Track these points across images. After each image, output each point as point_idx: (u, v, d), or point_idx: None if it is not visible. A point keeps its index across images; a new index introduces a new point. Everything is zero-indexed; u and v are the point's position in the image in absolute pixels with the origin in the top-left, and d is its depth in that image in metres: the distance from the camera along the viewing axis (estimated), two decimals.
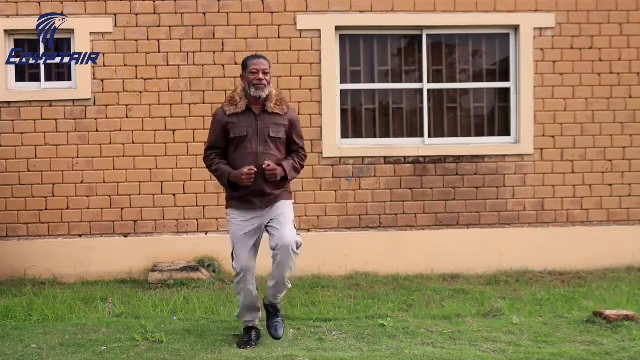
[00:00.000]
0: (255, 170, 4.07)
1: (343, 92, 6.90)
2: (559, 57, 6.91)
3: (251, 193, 4.15)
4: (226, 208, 4.32)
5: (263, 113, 4.21)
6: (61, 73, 6.74)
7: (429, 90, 6.94)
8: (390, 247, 6.76)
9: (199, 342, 4.36)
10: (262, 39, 6.69)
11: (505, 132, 7.03)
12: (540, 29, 6.87)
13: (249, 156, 4.12)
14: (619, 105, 6.96)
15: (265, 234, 4.27)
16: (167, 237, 6.68)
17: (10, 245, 6.57)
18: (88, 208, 6.64)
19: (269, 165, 4.08)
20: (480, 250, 6.78)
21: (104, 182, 6.64)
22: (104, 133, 6.63)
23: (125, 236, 6.69)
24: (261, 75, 4.14)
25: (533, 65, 6.88)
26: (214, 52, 6.68)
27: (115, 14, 6.61)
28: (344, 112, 6.92)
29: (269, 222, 4.19)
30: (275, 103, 4.23)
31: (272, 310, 4.41)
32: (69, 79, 6.70)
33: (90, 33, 6.58)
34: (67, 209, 6.63)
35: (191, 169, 6.68)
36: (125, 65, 6.64)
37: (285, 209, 4.22)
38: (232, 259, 4.25)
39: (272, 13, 6.70)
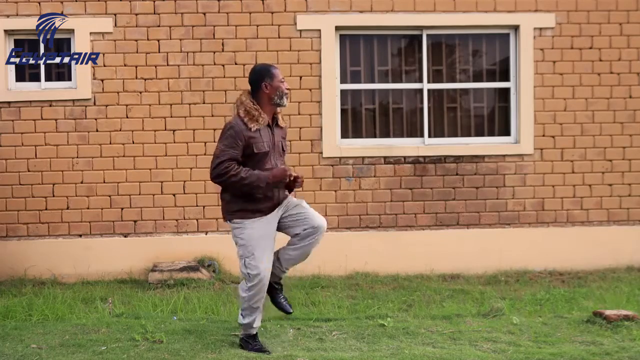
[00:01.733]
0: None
1: (343, 92, 6.90)
2: (559, 57, 6.91)
3: (272, 205, 4.09)
4: (231, 220, 4.10)
5: (275, 126, 4.17)
6: (61, 73, 6.74)
7: (429, 90, 6.94)
8: (390, 247, 6.76)
9: (199, 342, 4.36)
10: (262, 39, 6.69)
11: (505, 132, 7.03)
12: (540, 29, 6.87)
13: (268, 172, 4.05)
14: (619, 105, 6.96)
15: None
16: (167, 237, 6.68)
17: (10, 245, 6.57)
18: (88, 208, 6.64)
19: (301, 177, 4.14)
20: (480, 250, 6.78)
21: (104, 182, 6.64)
22: (104, 133, 6.63)
23: (125, 236, 6.69)
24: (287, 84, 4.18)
25: (533, 65, 6.88)
26: (214, 52, 6.68)
27: (115, 14, 6.61)
28: (344, 112, 6.92)
29: (285, 215, 4.16)
30: (281, 115, 4.25)
31: (277, 287, 4.32)
32: (69, 79, 6.70)
33: (90, 33, 6.58)
34: (67, 209, 6.63)
35: (191, 169, 6.69)
36: (125, 65, 6.64)
37: (297, 200, 4.26)
38: (244, 265, 4.02)
39: (272, 13, 6.70)
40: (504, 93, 7.06)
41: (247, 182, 3.95)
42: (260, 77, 4.09)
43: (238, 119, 4.02)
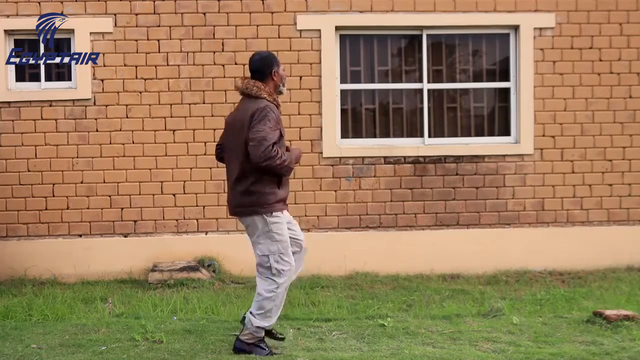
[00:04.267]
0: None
1: (343, 92, 6.90)
2: (559, 57, 6.91)
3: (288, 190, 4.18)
4: (271, 213, 3.96)
5: None
6: (61, 73, 6.74)
7: (429, 90, 6.94)
8: (390, 247, 6.76)
9: (199, 342, 4.36)
10: (262, 39, 6.69)
11: (505, 132, 7.03)
12: (540, 29, 6.87)
13: (290, 153, 4.13)
14: (619, 105, 6.96)
15: None
16: (167, 237, 6.68)
17: (10, 245, 6.57)
18: (88, 208, 6.64)
19: None
20: (480, 250, 6.78)
21: (104, 182, 6.64)
22: (104, 133, 6.63)
23: (125, 236, 6.69)
24: None
25: (533, 65, 6.87)
26: (214, 52, 6.68)
27: (115, 14, 6.61)
28: (344, 112, 6.92)
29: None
30: None
31: None
32: (69, 79, 6.70)
33: (90, 33, 6.58)
34: (67, 209, 6.63)
35: (191, 169, 6.68)
36: (125, 65, 6.64)
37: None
38: (275, 261, 3.95)
39: (272, 13, 6.70)
40: (504, 93, 7.06)
41: (287, 163, 3.93)
42: (270, 64, 4.08)
43: (269, 103, 3.97)
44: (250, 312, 4.05)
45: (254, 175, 3.95)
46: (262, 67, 4.07)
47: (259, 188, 3.96)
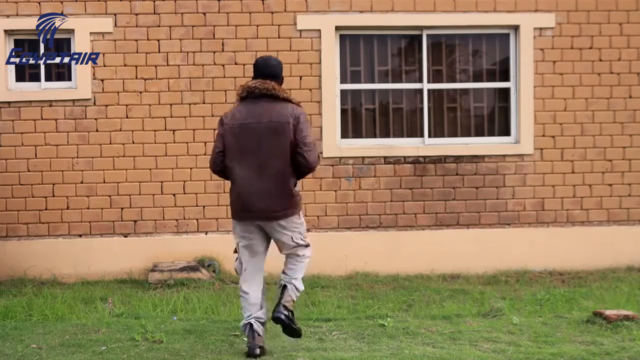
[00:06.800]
0: None
1: (343, 92, 6.90)
2: (559, 57, 6.91)
3: None
4: (299, 213, 4.17)
5: None
6: (61, 73, 6.74)
7: (429, 90, 6.94)
8: (390, 247, 6.76)
9: (199, 342, 4.36)
10: (262, 39, 6.69)
11: (505, 132, 7.03)
12: (540, 29, 6.87)
13: None
14: (619, 105, 6.96)
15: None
16: (167, 237, 6.68)
17: (10, 245, 6.57)
18: (88, 208, 6.64)
19: None
20: (480, 250, 6.78)
21: (104, 182, 6.64)
22: (104, 133, 6.63)
23: (125, 236, 6.69)
24: None
25: (533, 65, 6.87)
26: (214, 52, 6.68)
27: (115, 14, 6.61)
28: (344, 112, 6.92)
29: None
30: None
31: None
32: (69, 79, 6.70)
33: (90, 33, 6.58)
34: (67, 209, 6.63)
35: (191, 169, 6.69)
36: (125, 65, 6.64)
37: None
38: (304, 238, 4.25)
39: (272, 13, 6.70)
40: (504, 93, 7.06)
41: None
42: (282, 69, 4.21)
43: (299, 107, 4.09)
44: (296, 278, 4.19)
45: (294, 178, 4.07)
46: (279, 71, 4.18)
47: (296, 190, 4.13)
